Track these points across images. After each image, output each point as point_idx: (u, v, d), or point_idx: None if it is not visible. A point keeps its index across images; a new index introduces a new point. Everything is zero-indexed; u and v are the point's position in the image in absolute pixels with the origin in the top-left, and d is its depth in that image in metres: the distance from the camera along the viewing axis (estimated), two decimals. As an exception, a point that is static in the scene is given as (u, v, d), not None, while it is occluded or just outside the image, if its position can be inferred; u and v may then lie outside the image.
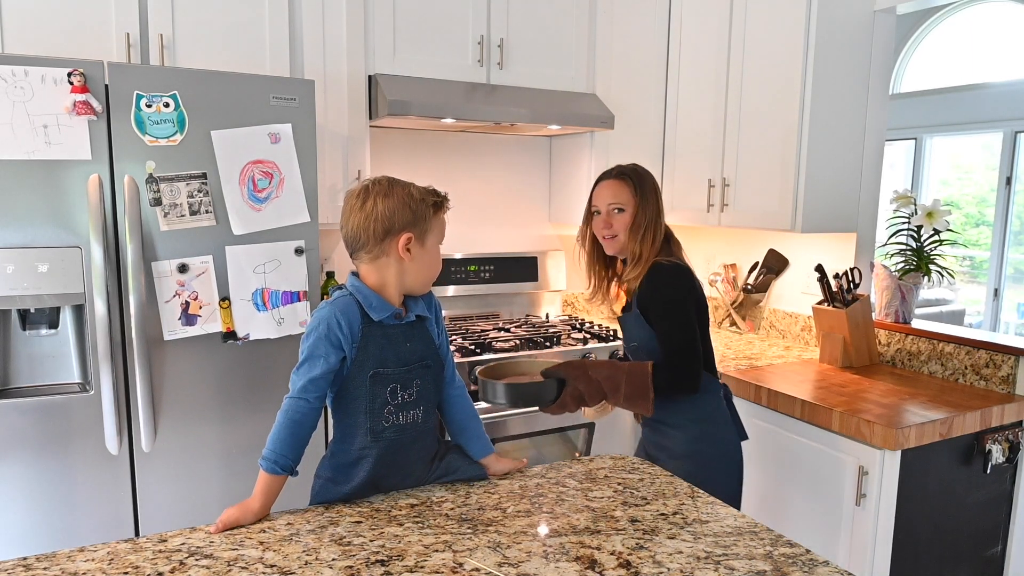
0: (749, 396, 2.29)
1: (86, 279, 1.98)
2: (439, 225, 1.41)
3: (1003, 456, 2.11)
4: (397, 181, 1.38)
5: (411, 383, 1.38)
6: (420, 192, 1.38)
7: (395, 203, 1.33)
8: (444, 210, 1.42)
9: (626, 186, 1.85)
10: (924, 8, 2.77)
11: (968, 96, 6.03)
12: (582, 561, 1.09)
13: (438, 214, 1.40)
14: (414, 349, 1.39)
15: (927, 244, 2.50)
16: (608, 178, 1.89)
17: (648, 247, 1.83)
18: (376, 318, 1.35)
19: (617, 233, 1.85)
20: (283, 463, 1.30)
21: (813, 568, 1.09)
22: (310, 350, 1.32)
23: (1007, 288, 6.07)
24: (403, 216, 1.33)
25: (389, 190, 1.34)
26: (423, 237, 1.37)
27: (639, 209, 1.84)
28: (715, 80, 2.80)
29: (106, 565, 1.07)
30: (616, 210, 1.85)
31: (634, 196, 1.84)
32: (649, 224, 1.84)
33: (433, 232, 1.39)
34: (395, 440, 1.37)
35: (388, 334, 1.36)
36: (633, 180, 1.86)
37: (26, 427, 1.96)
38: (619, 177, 1.87)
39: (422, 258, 1.38)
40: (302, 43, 2.54)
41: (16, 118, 1.86)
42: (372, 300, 1.35)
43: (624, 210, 1.84)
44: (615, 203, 1.85)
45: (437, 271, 1.44)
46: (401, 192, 1.35)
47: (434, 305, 1.48)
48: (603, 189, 1.88)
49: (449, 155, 3.21)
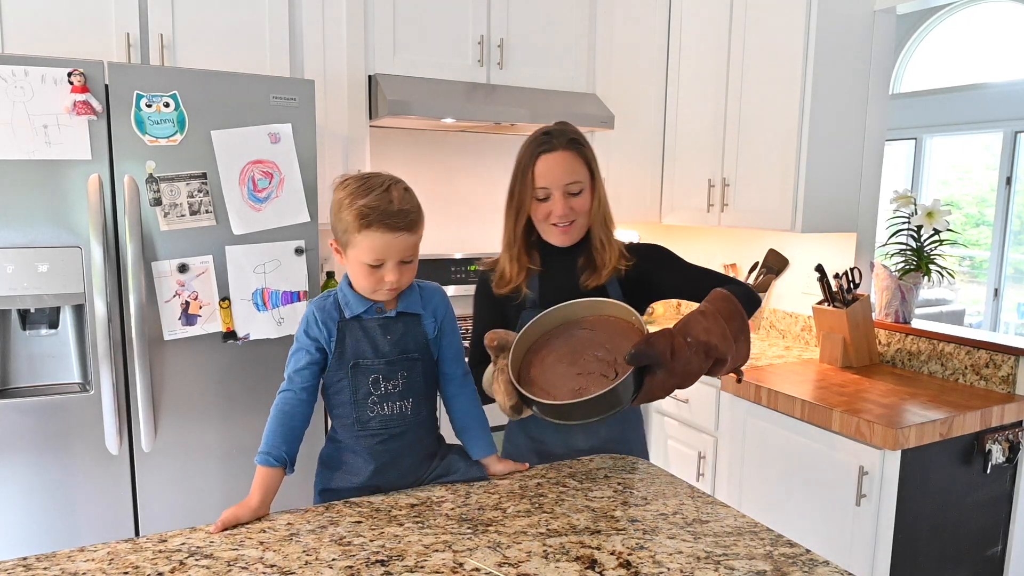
0: (749, 396, 2.28)
1: (86, 279, 1.98)
2: (366, 243, 1.29)
3: (1003, 456, 2.11)
4: (355, 183, 1.31)
5: (395, 375, 1.39)
6: (352, 204, 1.28)
7: (332, 202, 1.34)
8: (377, 230, 1.28)
9: (581, 158, 1.51)
10: (924, 8, 2.77)
11: (968, 96, 6.03)
12: (582, 561, 1.09)
13: (365, 232, 1.28)
14: (395, 342, 1.40)
15: (927, 244, 2.50)
16: (555, 149, 1.49)
17: (611, 229, 1.57)
18: (349, 314, 1.37)
19: (577, 218, 1.52)
20: (276, 454, 1.32)
21: (813, 568, 1.09)
22: (295, 344, 1.40)
23: (1007, 288, 6.07)
24: (332, 219, 1.35)
25: (340, 187, 1.33)
26: (344, 248, 1.33)
27: (598, 184, 1.54)
28: (715, 80, 2.80)
29: (106, 565, 1.07)
30: (573, 192, 1.51)
31: (590, 170, 1.52)
32: (605, 200, 1.56)
33: (355, 247, 1.30)
34: (382, 431, 1.39)
35: (365, 327, 1.38)
36: (587, 150, 1.53)
37: (26, 427, 1.96)
38: (571, 147, 1.50)
39: (349, 268, 1.35)
40: (302, 43, 2.54)
41: (16, 118, 1.86)
42: (348, 297, 1.38)
43: (584, 190, 1.51)
44: (572, 182, 1.50)
45: (361, 287, 1.35)
46: (339, 195, 1.31)
47: (434, 303, 1.47)
48: (554, 164, 1.49)
49: (449, 155, 3.21)
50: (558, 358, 1.34)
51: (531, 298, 1.57)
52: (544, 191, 1.50)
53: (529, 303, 1.57)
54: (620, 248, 1.57)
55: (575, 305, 1.38)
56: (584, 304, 1.38)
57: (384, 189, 1.30)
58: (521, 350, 1.35)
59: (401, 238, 1.30)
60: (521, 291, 1.57)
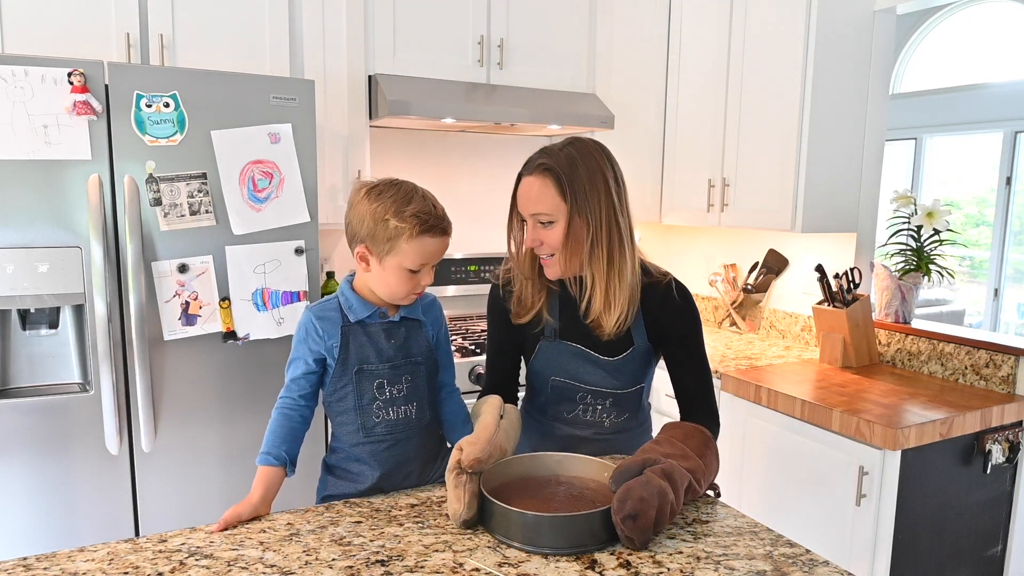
0: (749, 396, 2.28)
1: (86, 279, 1.98)
2: (414, 250, 1.29)
3: (1003, 456, 2.11)
4: (391, 192, 1.31)
5: (399, 379, 1.40)
6: (399, 213, 1.28)
7: (364, 212, 1.32)
8: (429, 236, 1.29)
9: (551, 187, 1.31)
10: (924, 8, 2.77)
11: (968, 96, 6.03)
12: (582, 561, 1.09)
13: (416, 239, 1.29)
14: (400, 346, 1.40)
15: (927, 244, 2.50)
16: (529, 173, 1.35)
17: (606, 271, 1.34)
18: (353, 319, 1.37)
19: (552, 252, 1.36)
20: (276, 453, 1.34)
21: (813, 568, 1.09)
22: (293, 352, 1.40)
23: (1007, 288, 6.07)
24: (365, 228, 1.32)
25: (375, 197, 1.32)
26: (381, 256, 1.32)
27: (577, 216, 1.31)
28: (715, 80, 2.80)
29: (106, 565, 1.07)
30: (541, 222, 1.34)
31: (564, 199, 1.31)
32: (603, 237, 1.32)
33: (398, 255, 1.30)
34: (388, 436, 1.39)
35: (369, 332, 1.38)
36: (563, 176, 1.30)
37: (26, 427, 1.96)
38: (541, 173, 1.32)
39: (380, 275, 1.34)
40: (302, 43, 2.54)
41: (16, 118, 1.86)
42: (352, 302, 1.38)
43: (555, 222, 1.33)
44: (538, 212, 1.33)
45: (393, 294, 1.35)
46: (376, 205, 1.30)
47: (433, 313, 1.48)
48: (522, 191, 1.36)
49: (449, 155, 3.21)
50: (529, 496, 1.23)
51: (550, 327, 1.47)
52: (521, 215, 1.40)
53: (548, 332, 1.47)
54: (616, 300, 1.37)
55: (551, 459, 1.33)
56: (565, 461, 1.33)
57: (421, 196, 1.33)
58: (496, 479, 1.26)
59: (445, 241, 1.35)
60: (542, 318, 1.46)
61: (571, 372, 1.47)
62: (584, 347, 1.45)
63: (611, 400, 1.49)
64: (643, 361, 1.47)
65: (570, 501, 1.22)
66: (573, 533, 1.10)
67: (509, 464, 1.29)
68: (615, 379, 1.46)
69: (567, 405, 1.51)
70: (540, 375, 1.51)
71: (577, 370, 1.47)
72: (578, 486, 1.27)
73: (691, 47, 2.92)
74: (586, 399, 1.49)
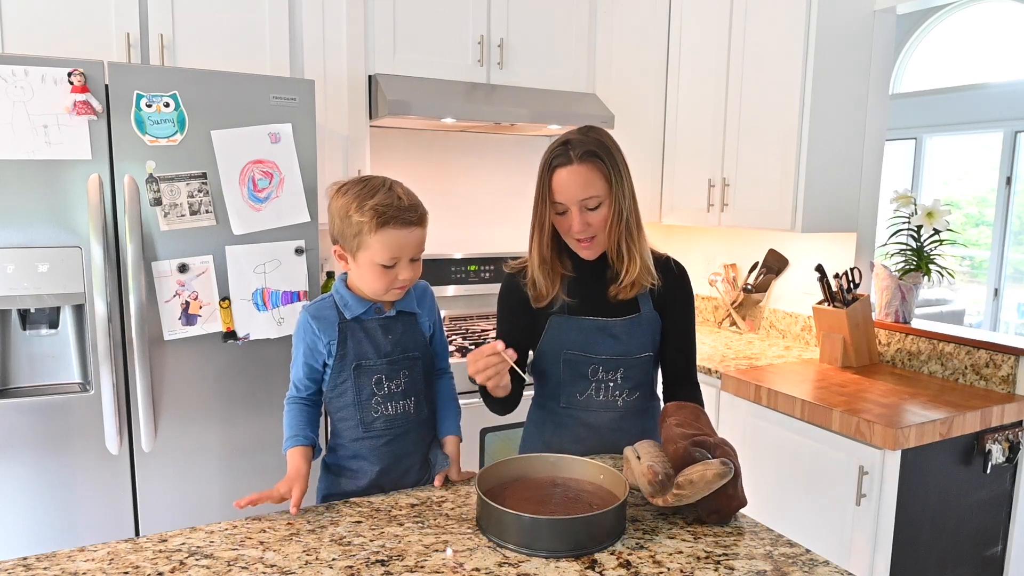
0: (749, 396, 2.28)
1: (86, 279, 1.98)
2: (379, 243, 1.28)
3: (1003, 456, 2.11)
4: (356, 188, 1.31)
5: (397, 374, 1.40)
6: (360, 207, 1.28)
7: (333, 211, 1.33)
8: (392, 228, 1.28)
9: (598, 171, 1.43)
10: (924, 8, 2.77)
11: (968, 96, 6.03)
12: (582, 561, 1.09)
13: (379, 232, 1.28)
14: (396, 341, 1.41)
15: (927, 244, 2.50)
16: (570, 163, 1.42)
17: (638, 240, 1.49)
18: (349, 316, 1.38)
19: (596, 234, 1.47)
20: (301, 435, 1.36)
21: (813, 568, 1.09)
22: (293, 353, 1.41)
23: (1007, 288, 6.07)
24: (336, 227, 1.34)
25: (341, 194, 1.32)
26: (353, 253, 1.32)
27: (618, 195, 1.45)
28: (715, 80, 2.80)
29: (106, 565, 1.07)
30: (589, 207, 1.44)
31: (608, 181, 1.44)
32: (632, 210, 1.48)
33: (367, 249, 1.30)
34: (387, 431, 1.40)
35: (366, 328, 1.39)
36: (605, 160, 1.43)
37: (26, 427, 1.96)
38: (587, 160, 1.42)
39: (357, 272, 1.35)
40: (302, 43, 2.54)
41: (16, 118, 1.86)
42: (347, 299, 1.39)
43: (602, 203, 1.44)
44: (588, 197, 1.43)
45: (375, 290, 1.35)
46: (341, 202, 1.31)
47: (427, 301, 1.49)
48: (568, 180, 1.43)
49: (449, 155, 3.21)
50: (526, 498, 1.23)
51: (565, 305, 1.53)
52: (562, 205, 1.45)
53: (558, 307, 1.53)
54: (646, 265, 1.50)
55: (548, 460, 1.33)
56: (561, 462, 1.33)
57: (388, 188, 1.31)
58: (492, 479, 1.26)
59: (415, 233, 1.32)
60: (558, 299, 1.53)
61: (583, 344, 1.52)
62: (595, 317, 1.53)
63: (622, 372, 1.52)
64: (649, 328, 1.53)
65: (567, 503, 1.23)
66: (570, 536, 1.10)
67: (506, 465, 1.30)
68: (624, 345, 1.52)
69: (580, 384, 1.53)
70: (551, 353, 1.55)
71: (588, 341, 1.52)
72: (575, 488, 1.28)
73: (691, 47, 2.92)
74: (597, 373, 1.53)
